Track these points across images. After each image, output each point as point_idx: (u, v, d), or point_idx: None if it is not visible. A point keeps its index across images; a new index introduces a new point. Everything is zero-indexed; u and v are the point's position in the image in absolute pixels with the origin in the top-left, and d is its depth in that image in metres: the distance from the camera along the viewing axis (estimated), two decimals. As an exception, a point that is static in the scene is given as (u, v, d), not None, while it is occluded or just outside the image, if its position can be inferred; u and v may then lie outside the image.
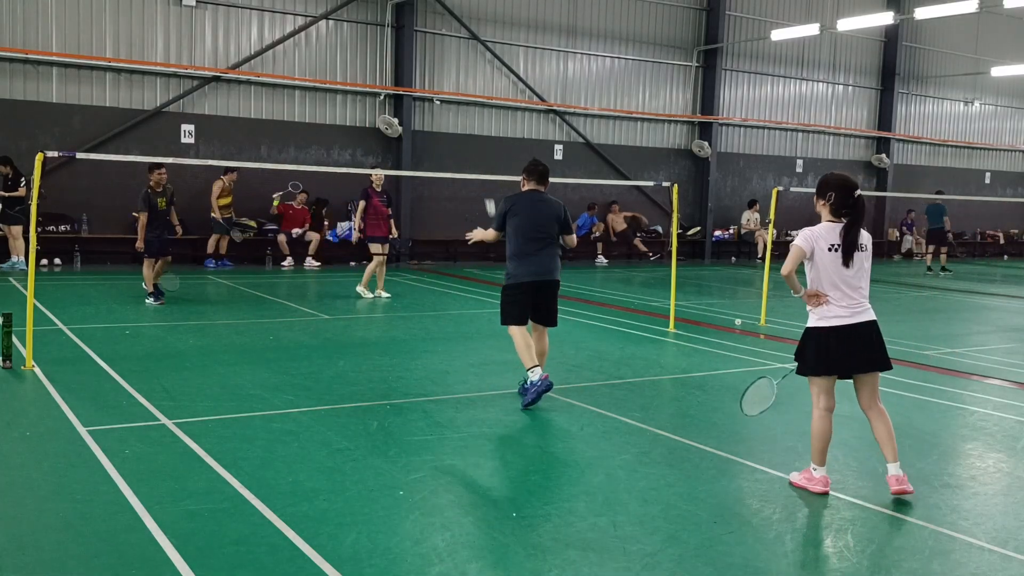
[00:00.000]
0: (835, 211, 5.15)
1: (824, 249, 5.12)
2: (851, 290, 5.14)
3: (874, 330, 5.19)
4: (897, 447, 5.19)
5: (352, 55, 19.17)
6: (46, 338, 8.95)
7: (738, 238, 24.43)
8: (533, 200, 7.32)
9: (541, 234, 7.21)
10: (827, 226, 5.17)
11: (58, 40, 16.31)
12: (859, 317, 5.14)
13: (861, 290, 5.18)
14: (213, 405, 6.71)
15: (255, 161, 17.59)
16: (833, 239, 5.12)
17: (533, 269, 7.19)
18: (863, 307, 5.17)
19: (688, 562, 4.13)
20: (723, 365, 9.06)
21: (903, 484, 5.06)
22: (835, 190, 5.14)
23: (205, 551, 4.05)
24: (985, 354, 10.08)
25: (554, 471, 5.45)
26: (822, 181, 5.28)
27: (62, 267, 16.21)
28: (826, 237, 5.13)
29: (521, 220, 7.21)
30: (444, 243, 20.56)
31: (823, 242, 5.13)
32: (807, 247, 5.14)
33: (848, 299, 5.14)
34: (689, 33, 23.54)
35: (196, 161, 14.95)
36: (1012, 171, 31.25)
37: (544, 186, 7.46)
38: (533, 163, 7.55)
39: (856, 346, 5.14)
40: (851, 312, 5.13)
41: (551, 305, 7.39)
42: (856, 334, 5.13)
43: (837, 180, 5.21)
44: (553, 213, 7.31)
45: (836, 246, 5.10)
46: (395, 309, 12.78)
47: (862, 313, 5.15)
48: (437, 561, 4.04)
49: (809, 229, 5.18)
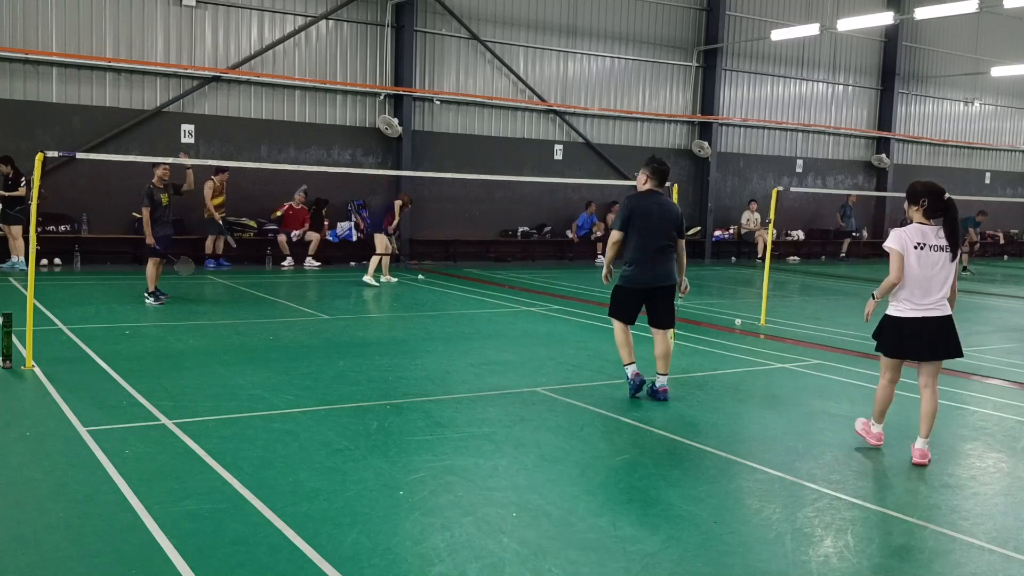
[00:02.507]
0: (928, 214, 5.79)
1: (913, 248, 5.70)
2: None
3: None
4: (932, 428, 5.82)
5: (352, 55, 19.17)
6: (46, 338, 8.95)
7: (738, 238, 24.43)
8: (659, 203, 7.31)
9: (663, 239, 7.23)
10: (918, 227, 5.77)
11: (58, 40, 16.31)
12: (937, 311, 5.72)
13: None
14: (213, 405, 6.71)
15: (255, 161, 17.59)
16: (927, 239, 5.73)
17: (651, 275, 7.23)
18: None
19: (688, 562, 4.13)
20: (723, 365, 9.06)
21: (924, 458, 5.71)
22: (927, 196, 5.77)
23: (205, 551, 4.05)
24: (985, 354, 10.08)
25: (554, 471, 5.45)
26: (911, 189, 5.98)
27: (62, 267, 16.21)
28: (916, 238, 5.73)
29: (644, 223, 7.20)
30: (444, 243, 20.56)
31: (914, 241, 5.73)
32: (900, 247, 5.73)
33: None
34: (689, 33, 23.54)
35: (196, 161, 14.92)
36: (1012, 171, 31.26)
37: (663, 187, 7.46)
38: (659, 162, 7.46)
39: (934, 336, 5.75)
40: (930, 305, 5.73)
41: (668, 306, 7.42)
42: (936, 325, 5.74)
43: (927, 187, 5.85)
44: (674, 217, 7.33)
45: (937, 246, 5.72)
46: (395, 309, 12.78)
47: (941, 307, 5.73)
48: (437, 561, 4.04)
49: (902, 230, 5.79)
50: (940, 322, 5.67)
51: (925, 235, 5.71)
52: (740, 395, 7.72)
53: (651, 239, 7.21)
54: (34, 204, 7.86)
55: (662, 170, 7.44)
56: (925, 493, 5.21)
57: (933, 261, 5.66)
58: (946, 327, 5.70)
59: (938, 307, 5.66)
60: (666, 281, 7.32)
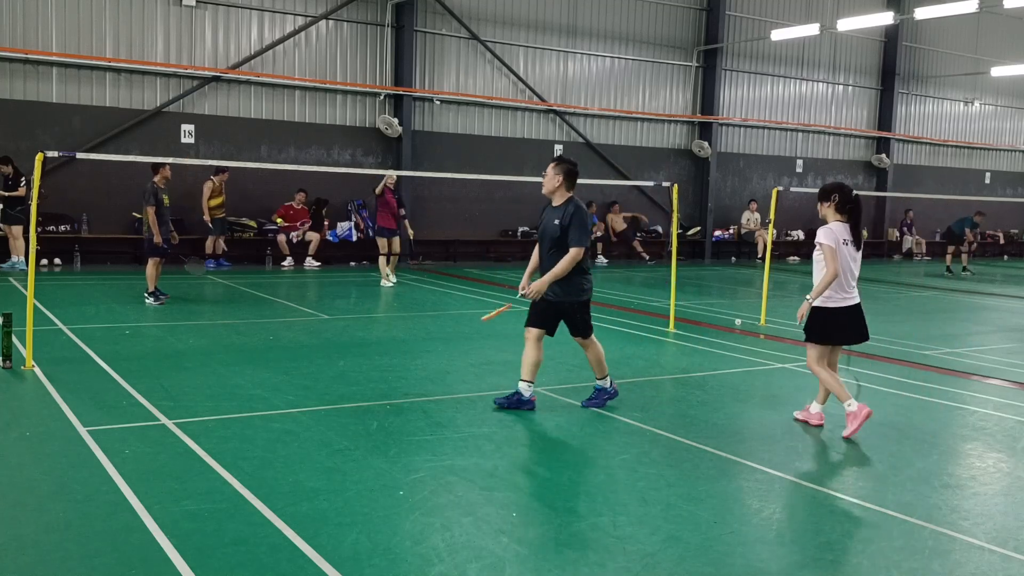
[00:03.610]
0: (839, 209, 6.30)
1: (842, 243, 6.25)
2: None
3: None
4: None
5: (352, 55, 19.17)
6: (46, 338, 8.95)
7: (738, 238, 24.44)
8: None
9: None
10: (841, 225, 6.29)
11: (58, 40, 16.31)
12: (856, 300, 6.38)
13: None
14: (213, 405, 6.70)
15: (255, 161, 17.60)
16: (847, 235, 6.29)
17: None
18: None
19: (688, 562, 4.13)
20: (723, 365, 9.06)
21: (821, 419, 6.55)
22: (837, 192, 6.30)
23: (205, 551, 4.05)
24: (985, 354, 10.08)
25: (554, 471, 5.45)
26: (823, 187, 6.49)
27: (62, 267, 16.21)
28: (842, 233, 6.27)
29: None
30: (444, 243, 20.56)
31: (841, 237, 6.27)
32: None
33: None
34: (689, 33, 23.54)
35: (196, 161, 14.94)
36: (1012, 171, 31.26)
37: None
38: (571, 163, 6.87)
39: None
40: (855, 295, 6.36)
41: (584, 319, 6.95)
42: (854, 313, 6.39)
43: (837, 185, 6.39)
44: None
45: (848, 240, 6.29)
46: (395, 309, 12.78)
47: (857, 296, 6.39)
48: (437, 561, 4.04)
49: (831, 227, 6.25)
50: (858, 309, 6.36)
51: (845, 231, 6.29)
52: (740, 395, 7.72)
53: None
54: (34, 204, 7.86)
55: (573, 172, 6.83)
56: (925, 493, 5.21)
57: (851, 255, 6.29)
58: (861, 313, 6.40)
59: (855, 296, 6.35)
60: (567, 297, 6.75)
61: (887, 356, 9.66)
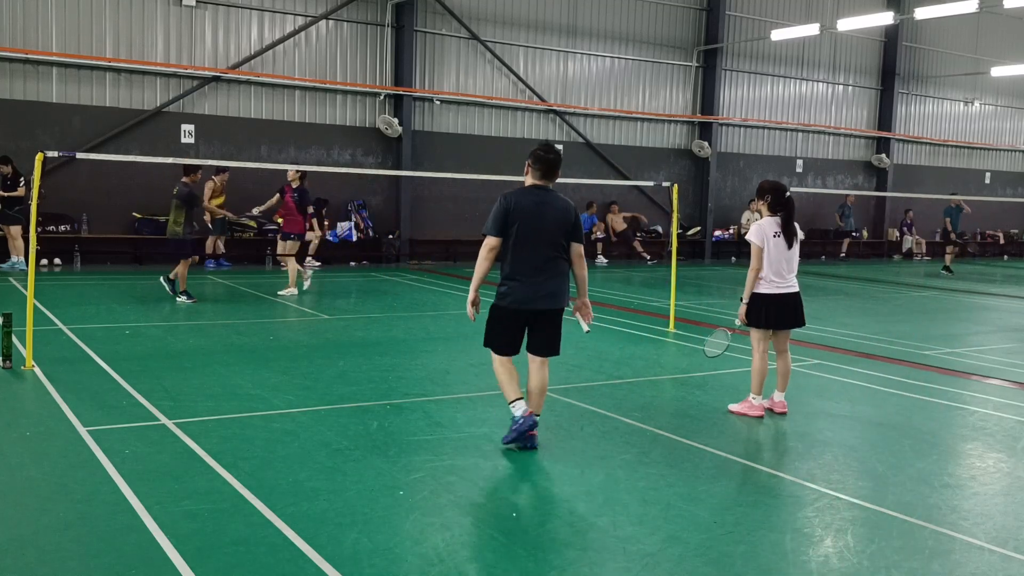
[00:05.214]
0: (771, 207, 6.89)
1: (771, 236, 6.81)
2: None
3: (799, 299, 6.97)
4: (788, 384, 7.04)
5: (352, 55, 19.17)
6: (46, 338, 8.95)
7: (738, 238, 24.42)
8: (543, 201, 5.70)
9: (549, 249, 5.68)
10: (771, 220, 6.88)
11: (58, 40, 16.31)
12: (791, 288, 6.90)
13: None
14: (213, 405, 6.70)
15: (255, 161, 17.60)
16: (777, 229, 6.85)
17: (533, 293, 5.68)
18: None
19: (688, 562, 4.13)
20: (723, 365, 9.06)
21: (784, 407, 6.96)
22: (771, 192, 6.88)
23: (205, 551, 4.05)
24: (985, 354, 10.08)
25: (554, 471, 5.45)
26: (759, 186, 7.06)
27: (62, 267, 16.21)
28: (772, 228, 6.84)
29: (523, 227, 5.61)
30: (444, 243, 20.56)
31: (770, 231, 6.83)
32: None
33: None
34: (689, 33, 23.54)
35: (196, 161, 14.92)
36: (1012, 171, 31.25)
37: (551, 182, 5.82)
38: (544, 149, 5.78)
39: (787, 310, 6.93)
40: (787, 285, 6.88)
41: (553, 333, 5.88)
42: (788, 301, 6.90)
43: (772, 184, 6.96)
44: (563, 219, 5.73)
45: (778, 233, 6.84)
46: (395, 309, 12.78)
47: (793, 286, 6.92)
48: (437, 561, 4.04)
49: (760, 224, 6.85)
50: (795, 297, 6.89)
51: (775, 226, 6.82)
52: (740, 395, 7.70)
53: (532, 248, 5.62)
54: (34, 204, 7.87)
55: (548, 159, 5.70)
56: (925, 493, 5.21)
57: (783, 247, 6.81)
58: (799, 301, 6.93)
59: (792, 285, 6.86)
60: (552, 303, 5.74)
61: (887, 356, 9.67)
